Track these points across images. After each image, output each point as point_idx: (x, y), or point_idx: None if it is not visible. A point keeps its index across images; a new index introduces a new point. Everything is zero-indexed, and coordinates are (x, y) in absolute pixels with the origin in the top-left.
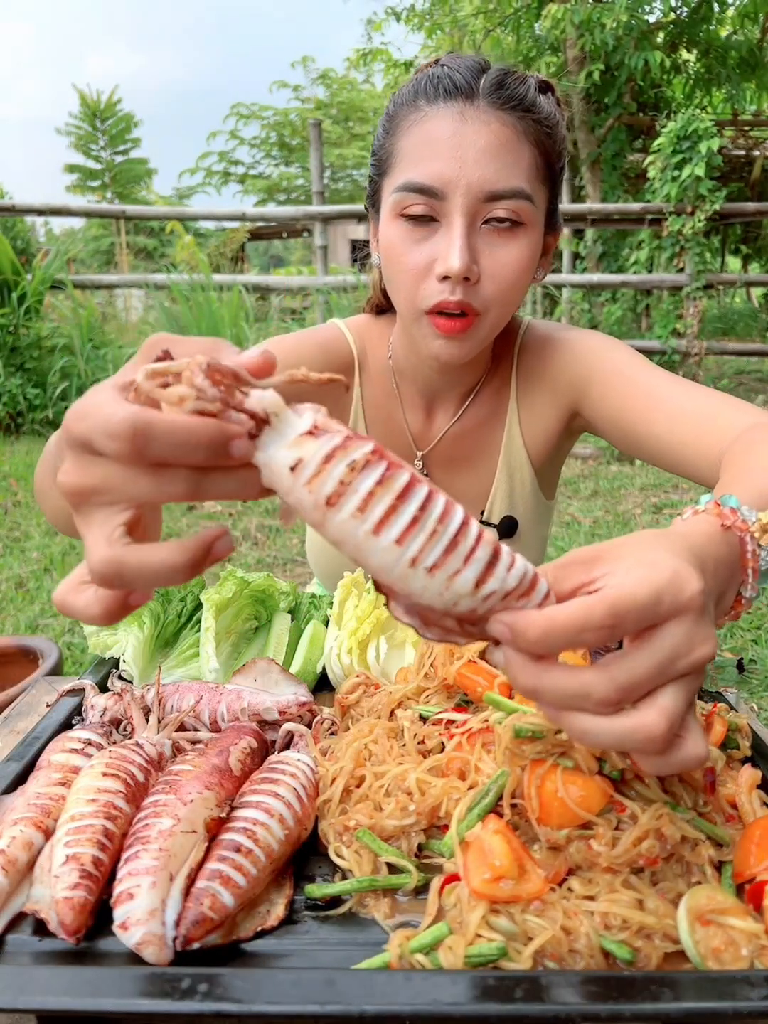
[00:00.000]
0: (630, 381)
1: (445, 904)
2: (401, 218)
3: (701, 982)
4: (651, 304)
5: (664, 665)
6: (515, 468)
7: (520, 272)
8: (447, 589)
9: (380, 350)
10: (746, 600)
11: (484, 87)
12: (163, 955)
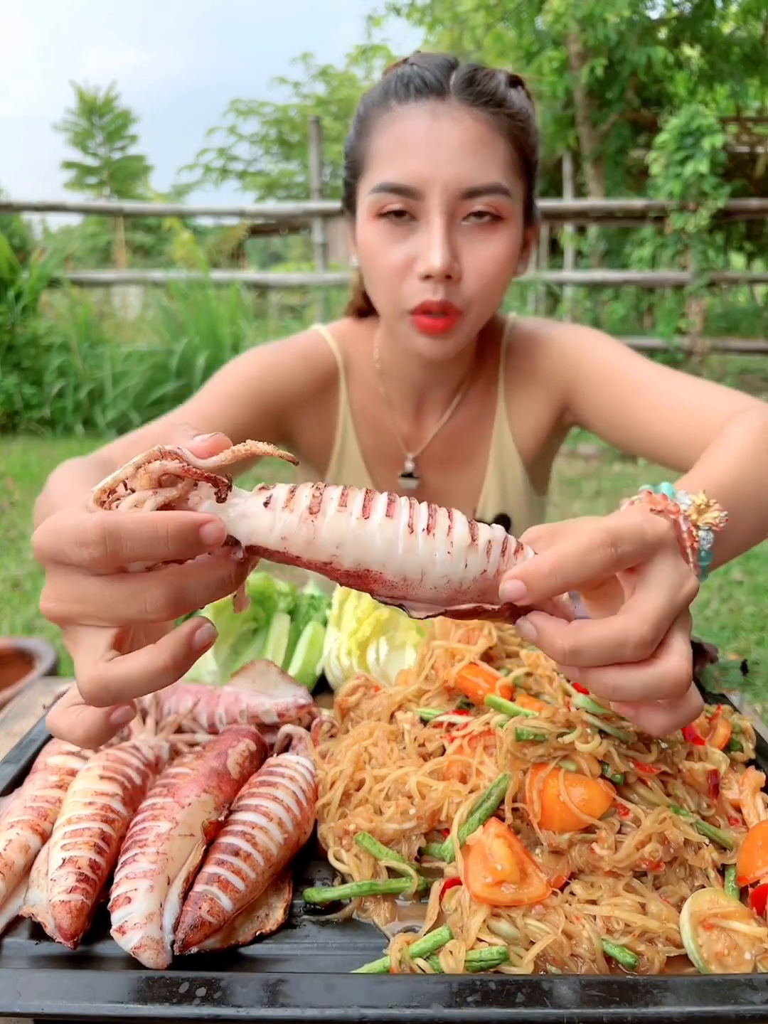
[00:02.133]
0: (619, 374)
1: (446, 908)
2: (379, 218)
3: (703, 985)
4: (654, 302)
5: (671, 598)
6: (506, 466)
7: (502, 267)
8: (452, 546)
9: (365, 354)
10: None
11: (455, 84)
12: (161, 959)
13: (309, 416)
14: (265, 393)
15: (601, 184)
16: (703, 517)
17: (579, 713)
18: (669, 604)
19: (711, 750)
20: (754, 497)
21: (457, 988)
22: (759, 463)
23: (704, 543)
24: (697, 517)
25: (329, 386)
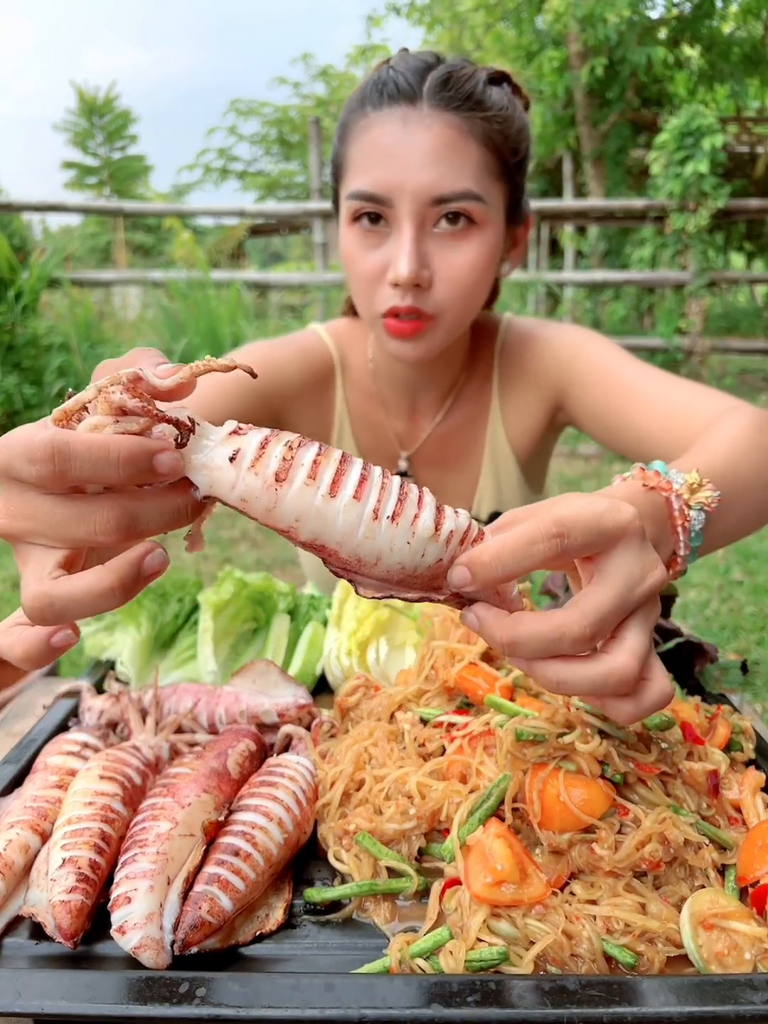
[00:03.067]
0: (610, 375)
1: (446, 908)
2: (354, 225)
3: (703, 985)
4: (654, 302)
5: (624, 593)
6: (500, 464)
7: (475, 273)
8: (413, 536)
9: (360, 352)
10: (681, 558)
11: (428, 88)
12: (161, 959)
13: (306, 412)
14: (263, 387)
15: (601, 184)
16: (695, 496)
17: (579, 713)
18: (619, 599)
19: (711, 750)
20: (744, 484)
21: (457, 988)
22: (749, 452)
23: (696, 523)
24: (689, 496)
25: (326, 383)
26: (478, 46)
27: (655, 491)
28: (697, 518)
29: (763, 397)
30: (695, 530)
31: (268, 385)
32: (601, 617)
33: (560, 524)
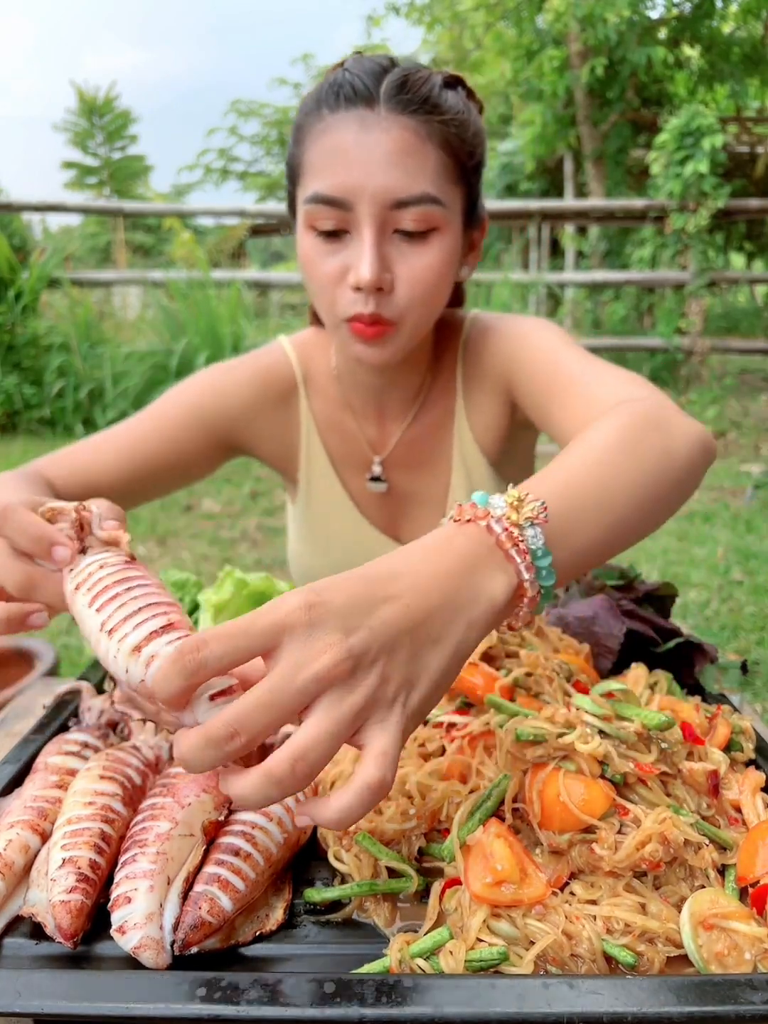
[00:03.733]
0: (549, 364)
1: (446, 908)
2: (312, 230)
3: (703, 985)
4: (654, 302)
5: (281, 683)
6: (471, 466)
7: (436, 277)
8: (119, 652)
9: (326, 362)
10: (528, 582)
11: (384, 91)
12: (161, 959)
13: (265, 431)
14: (206, 417)
15: (602, 184)
16: (522, 513)
17: (579, 713)
18: (273, 690)
19: (711, 750)
20: (607, 490)
21: (457, 988)
22: (615, 455)
23: (533, 540)
24: (517, 516)
25: (286, 398)
26: (478, 45)
27: (471, 523)
28: (534, 535)
29: (763, 397)
30: (537, 547)
31: (214, 413)
32: (237, 715)
33: (199, 638)
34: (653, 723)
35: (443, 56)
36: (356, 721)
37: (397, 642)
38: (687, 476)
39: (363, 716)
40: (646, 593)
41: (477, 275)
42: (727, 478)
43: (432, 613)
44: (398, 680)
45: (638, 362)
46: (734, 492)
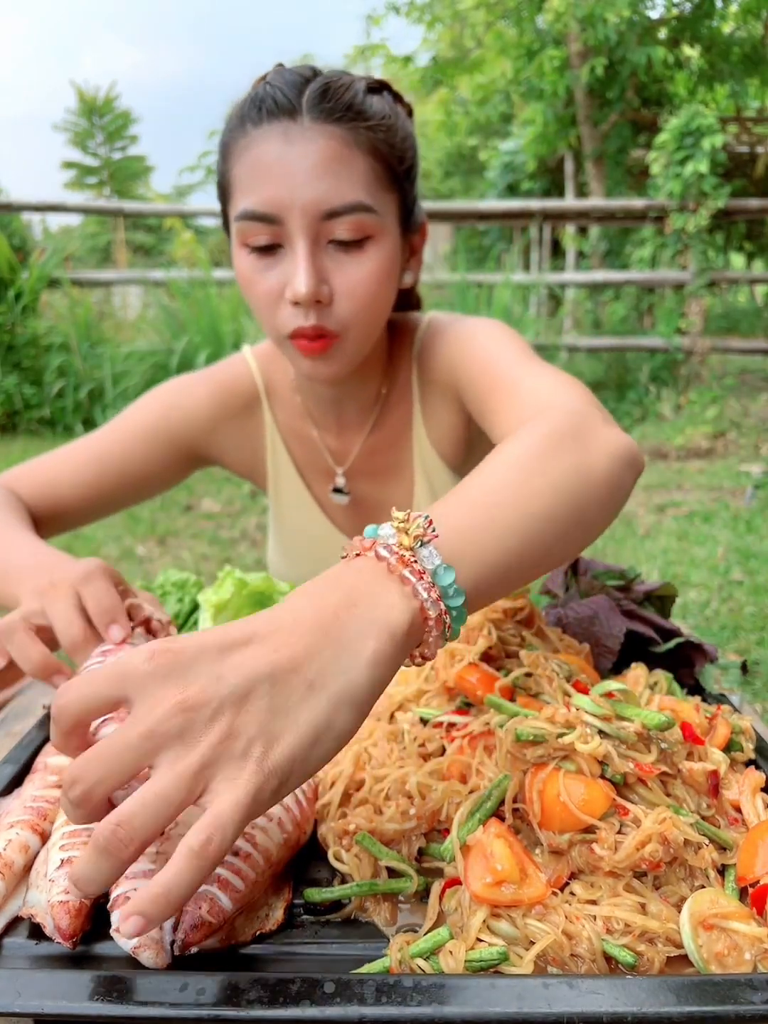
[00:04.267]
0: (489, 365)
1: (446, 908)
2: (246, 248)
3: (703, 985)
4: (654, 302)
5: (114, 738)
6: (431, 472)
7: (375, 285)
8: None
9: (286, 371)
10: (429, 603)
11: (307, 101)
12: (160, 959)
13: (229, 442)
14: (170, 430)
15: (602, 184)
16: (410, 534)
17: (579, 713)
18: (112, 746)
19: (711, 750)
20: (508, 509)
21: (457, 988)
22: (526, 470)
23: (428, 561)
24: (406, 538)
25: (249, 409)
26: (478, 44)
27: (360, 557)
28: (428, 554)
29: (763, 397)
30: (435, 566)
31: (175, 426)
32: (73, 769)
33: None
34: (653, 723)
35: (443, 55)
36: (197, 781)
37: (251, 691)
38: (607, 491)
39: (206, 775)
40: (646, 593)
41: (478, 277)
42: (727, 478)
43: (307, 655)
44: (250, 733)
45: (638, 362)
46: (734, 492)
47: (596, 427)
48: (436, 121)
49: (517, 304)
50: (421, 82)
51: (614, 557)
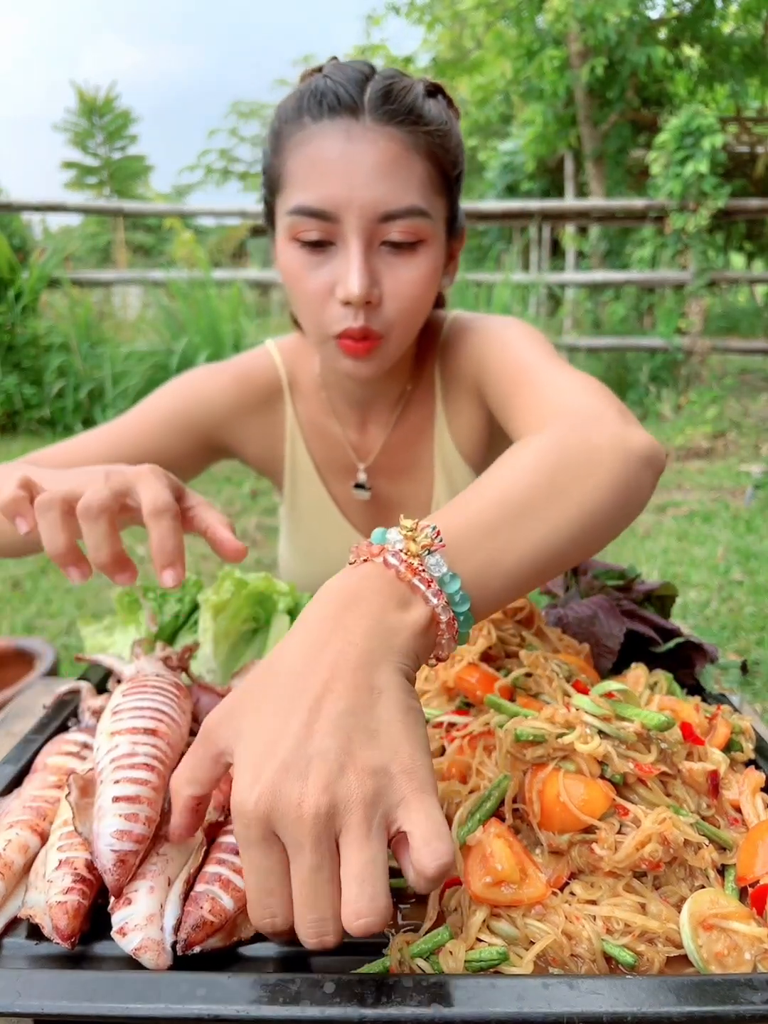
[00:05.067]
0: (510, 364)
1: (446, 908)
2: (296, 242)
3: (703, 985)
4: (654, 302)
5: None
6: (452, 470)
7: (423, 289)
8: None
9: (311, 367)
10: (440, 608)
11: (369, 101)
12: (161, 960)
13: (249, 433)
14: (191, 418)
15: (602, 184)
16: (418, 542)
17: (578, 714)
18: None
19: (711, 750)
20: (515, 509)
21: (457, 988)
22: (531, 478)
23: (435, 569)
24: (414, 546)
25: (271, 402)
26: (478, 45)
27: (368, 563)
28: (436, 563)
29: (763, 397)
30: (442, 574)
31: (195, 416)
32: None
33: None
34: (653, 723)
35: (443, 55)
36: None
37: (351, 741)
38: (622, 493)
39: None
40: (646, 593)
41: (478, 276)
42: (727, 478)
43: (358, 684)
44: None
45: (638, 362)
46: (734, 492)
47: (611, 429)
48: None
49: (517, 304)
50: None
51: (614, 557)
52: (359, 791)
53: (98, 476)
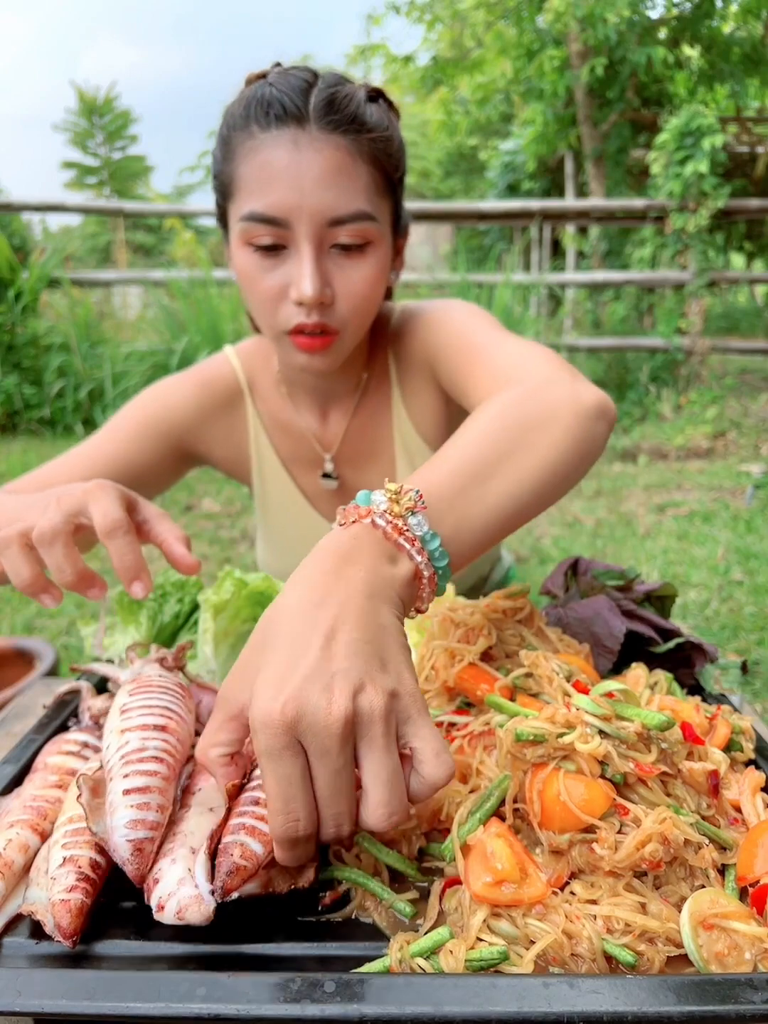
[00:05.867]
0: (462, 339)
1: (446, 908)
2: (249, 246)
3: (703, 985)
4: (654, 302)
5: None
6: (413, 453)
7: (373, 287)
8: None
9: (269, 366)
10: (422, 565)
11: (314, 110)
12: (204, 909)
13: (215, 436)
14: (159, 426)
15: (602, 184)
16: (401, 504)
17: (579, 713)
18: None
19: (711, 750)
20: (480, 466)
21: (457, 988)
22: (491, 431)
23: (418, 528)
24: (399, 508)
25: (231, 405)
26: (478, 44)
27: (357, 524)
28: (417, 523)
29: (763, 397)
30: (423, 533)
31: (165, 424)
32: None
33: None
34: (653, 723)
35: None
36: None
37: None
38: (578, 445)
39: (399, 740)
40: (646, 593)
41: (479, 277)
42: (727, 478)
43: (360, 621)
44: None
45: (638, 362)
46: (734, 492)
47: (563, 386)
48: (436, 121)
49: (517, 304)
50: (421, 82)
51: (614, 557)
52: (380, 706)
53: (51, 501)
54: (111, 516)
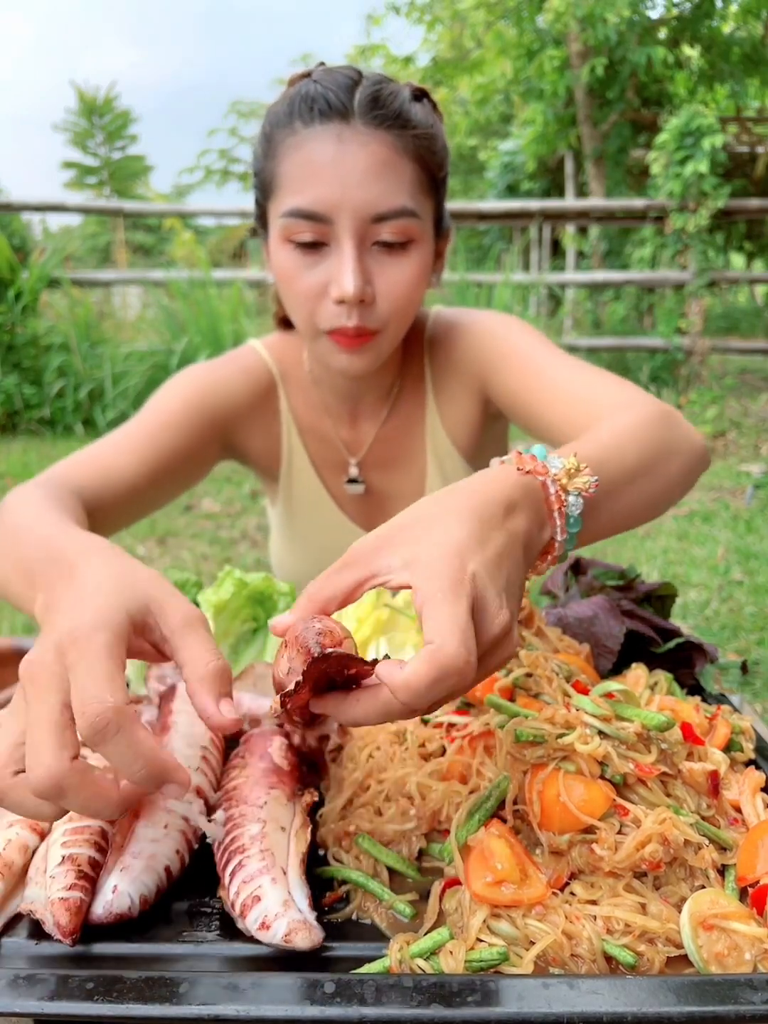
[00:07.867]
0: (524, 359)
1: (446, 908)
2: (290, 243)
3: (703, 985)
4: (654, 302)
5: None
6: (445, 460)
7: (414, 287)
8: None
9: (299, 364)
10: (558, 543)
11: (359, 106)
12: (315, 936)
13: (254, 427)
14: (207, 410)
15: (602, 184)
16: (573, 482)
17: (578, 714)
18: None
19: (711, 750)
20: (629, 474)
21: (457, 988)
22: (637, 443)
23: (573, 508)
24: (568, 481)
25: (269, 396)
26: (478, 44)
27: (531, 475)
28: (575, 504)
29: (763, 397)
30: (573, 516)
31: (213, 407)
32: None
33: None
34: (653, 723)
35: (443, 55)
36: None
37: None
38: (684, 478)
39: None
40: (646, 593)
41: (478, 276)
42: (727, 478)
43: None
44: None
45: (638, 362)
46: (734, 492)
47: (685, 424)
48: None
49: (517, 304)
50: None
51: (614, 557)
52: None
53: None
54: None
